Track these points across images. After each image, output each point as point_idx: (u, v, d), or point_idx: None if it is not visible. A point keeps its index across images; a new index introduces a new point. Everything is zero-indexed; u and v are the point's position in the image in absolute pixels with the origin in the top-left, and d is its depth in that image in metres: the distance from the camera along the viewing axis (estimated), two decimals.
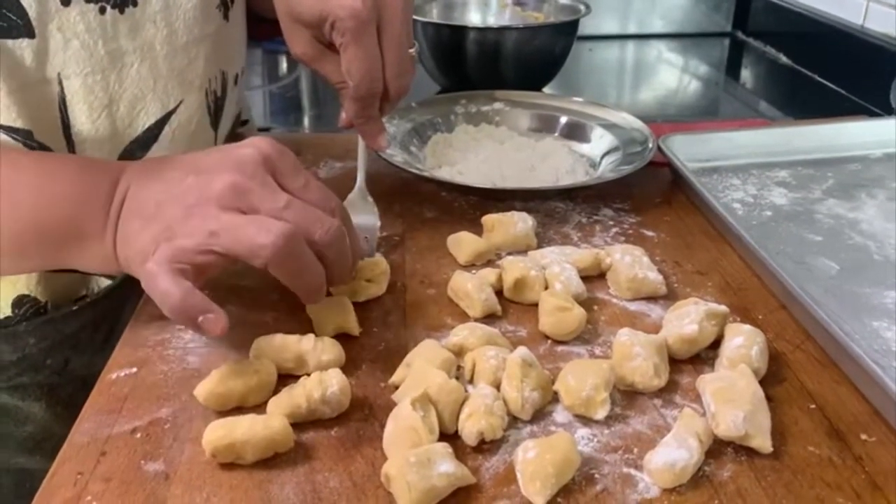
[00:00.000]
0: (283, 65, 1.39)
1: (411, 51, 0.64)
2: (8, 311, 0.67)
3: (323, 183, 0.56)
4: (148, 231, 0.52)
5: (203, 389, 0.50)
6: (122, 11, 0.63)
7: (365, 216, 0.69)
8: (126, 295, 0.72)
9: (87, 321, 0.71)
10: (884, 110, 1.08)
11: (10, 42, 0.58)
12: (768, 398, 0.49)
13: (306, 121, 1.22)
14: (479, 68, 1.10)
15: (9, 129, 0.60)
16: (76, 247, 0.55)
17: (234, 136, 0.89)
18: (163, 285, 0.49)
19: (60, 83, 0.61)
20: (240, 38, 0.80)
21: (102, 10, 0.62)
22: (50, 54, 0.60)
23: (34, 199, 0.55)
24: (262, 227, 0.50)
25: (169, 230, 0.51)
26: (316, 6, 0.62)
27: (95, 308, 0.71)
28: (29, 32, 0.59)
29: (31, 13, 0.58)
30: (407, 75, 0.65)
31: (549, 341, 0.57)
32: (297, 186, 0.54)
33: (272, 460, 0.47)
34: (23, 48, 0.59)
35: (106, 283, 0.72)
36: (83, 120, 0.63)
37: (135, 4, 0.64)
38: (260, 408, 0.50)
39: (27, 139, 0.61)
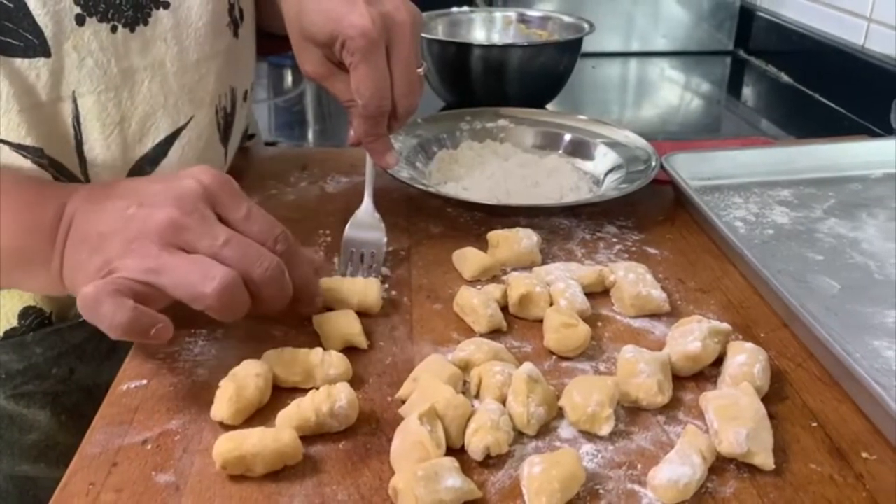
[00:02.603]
0: (289, 78, 1.39)
1: (419, 70, 0.65)
2: (14, 323, 0.67)
3: (265, 210, 0.56)
4: (92, 262, 0.52)
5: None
6: (132, 30, 0.64)
7: (372, 233, 0.70)
8: None
9: (92, 331, 0.71)
10: (884, 130, 1.09)
11: (26, 61, 0.59)
12: (770, 416, 0.50)
13: (311, 135, 1.23)
14: (483, 85, 1.11)
15: (18, 147, 0.61)
16: (24, 272, 0.57)
17: (241, 151, 0.90)
18: (106, 306, 0.48)
19: (75, 101, 0.62)
20: (249, 54, 0.81)
21: (114, 29, 0.63)
22: (65, 73, 0.61)
23: None
24: (202, 273, 0.50)
25: (109, 264, 0.51)
26: (327, 26, 0.63)
27: None
28: (45, 52, 0.59)
29: (48, 32, 0.59)
30: (415, 94, 0.66)
31: (554, 357, 0.58)
32: (238, 217, 0.54)
33: (281, 473, 0.47)
34: (38, 67, 0.60)
35: None
36: (96, 137, 0.64)
37: (146, 23, 0.65)
38: (269, 421, 0.51)
39: (37, 156, 0.62)
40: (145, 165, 0.68)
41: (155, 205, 0.53)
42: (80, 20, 0.60)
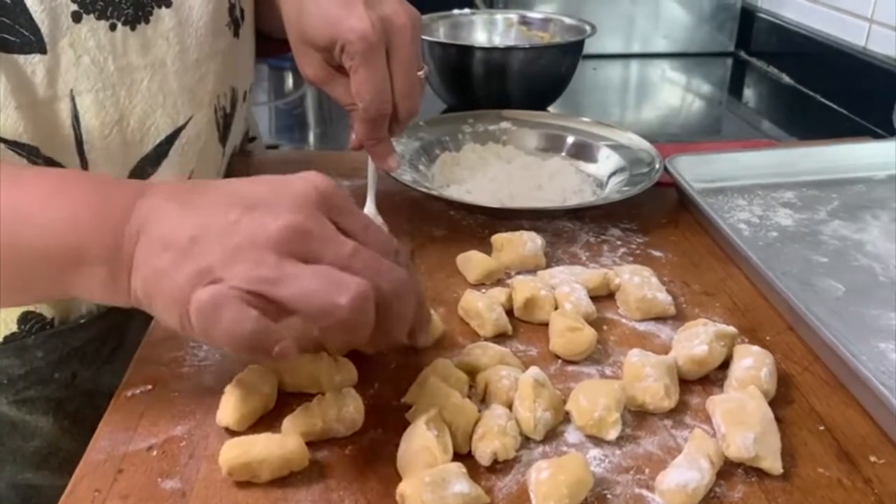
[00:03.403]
0: (290, 81, 1.40)
1: (420, 73, 0.65)
2: (14, 328, 0.67)
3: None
4: (183, 269, 0.45)
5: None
6: (133, 28, 0.64)
7: None
8: (132, 309, 0.73)
9: (94, 335, 0.71)
10: (886, 131, 1.09)
11: (22, 58, 0.59)
12: (777, 420, 0.50)
13: (312, 138, 1.23)
14: (485, 87, 1.11)
15: (13, 144, 0.60)
16: (78, 274, 0.48)
17: (243, 154, 0.89)
18: (228, 314, 0.43)
19: (73, 99, 0.62)
20: (249, 54, 0.81)
21: (113, 27, 0.62)
22: (62, 70, 0.61)
23: (37, 221, 0.49)
24: (334, 282, 0.44)
25: (210, 272, 0.44)
26: (326, 30, 0.63)
27: (102, 322, 0.72)
28: (41, 48, 0.59)
29: (44, 29, 0.59)
30: (416, 97, 0.65)
31: (560, 361, 0.58)
32: (356, 228, 0.48)
33: (287, 479, 0.47)
34: (35, 64, 0.59)
35: None
36: (95, 136, 0.64)
37: (146, 22, 0.65)
38: (275, 427, 0.51)
39: (32, 155, 0.61)
40: (146, 166, 0.68)
41: (268, 209, 0.46)
42: (76, 17, 0.60)
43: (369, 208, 0.72)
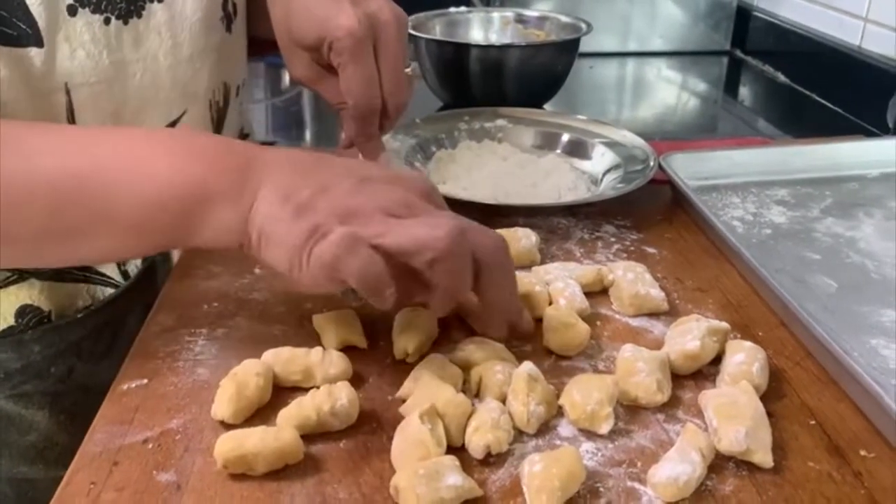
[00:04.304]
0: (286, 79, 1.39)
1: (407, 70, 0.66)
2: (11, 321, 0.67)
3: None
4: (301, 222, 0.49)
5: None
6: (126, 22, 0.64)
7: None
8: (129, 303, 0.73)
9: (90, 329, 0.72)
10: (880, 129, 1.09)
11: (19, 50, 0.59)
12: (769, 414, 0.50)
13: (308, 135, 1.23)
14: (481, 85, 1.11)
15: None
16: (203, 213, 0.51)
17: None
18: (362, 255, 0.48)
19: (68, 92, 0.62)
20: (241, 49, 0.82)
21: (107, 21, 0.63)
22: (57, 63, 0.61)
23: (159, 166, 0.52)
24: (431, 224, 0.49)
25: (325, 227, 0.49)
26: (314, 29, 0.64)
27: (99, 316, 0.72)
28: (38, 41, 0.60)
29: (41, 23, 0.59)
30: (404, 92, 0.66)
31: (554, 356, 0.58)
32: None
33: (282, 472, 0.47)
34: (31, 57, 0.60)
35: (108, 291, 0.73)
36: None
37: (139, 16, 0.65)
38: (270, 420, 0.51)
39: None
40: None
41: (379, 181, 0.52)
42: (72, 11, 0.61)
43: None
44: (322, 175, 0.52)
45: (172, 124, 0.70)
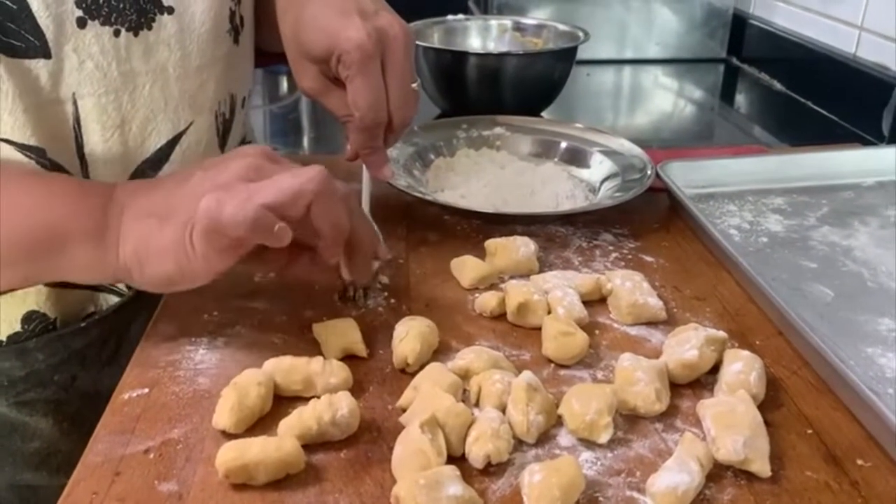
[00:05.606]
0: (284, 85, 1.40)
1: (414, 85, 0.66)
2: (17, 327, 0.68)
3: None
4: (170, 225, 0.52)
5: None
6: (136, 34, 0.64)
7: None
8: (133, 312, 0.73)
9: (94, 337, 0.72)
10: (875, 137, 1.10)
11: (26, 62, 0.60)
12: (766, 423, 0.50)
13: (306, 142, 1.24)
14: (479, 93, 1.11)
15: (23, 147, 0.62)
16: (63, 254, 0.55)
17: None
18: (231, 206, 0.49)
19: (75, 103, 0.63)
20: (248, 61, 0.82)
21: (117, 33, 0.63)
22: (65, 74, 0.62)
23: (26, 205, 0.55)
24: (294, 173, 0.52)
25: (193, 212, 0.51)
26: (323, 41, 0.64)
27: (103, 324, 0.72)
28: (45, 53, 0.60)
29: (49, 35, 0.60)
30: (410, 107, 0.66)
31: (553, 365, 0.59)
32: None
33: (283, 481, 0.47)
34: (39, 68, 0.60)
35: (114, 299, 0.73)
36: (96, 139, 0.65)
37: (149, 28, 0.65)
38: (271, 430, 0.51)
39: (40, 157, 0.63)
40: (147, 169, 0.69)
41: (220, 164, 0.54)
42: (81, 23, 0.61)
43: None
44: (170, 182, 0.56)
45: (179, 136, 0.70)
